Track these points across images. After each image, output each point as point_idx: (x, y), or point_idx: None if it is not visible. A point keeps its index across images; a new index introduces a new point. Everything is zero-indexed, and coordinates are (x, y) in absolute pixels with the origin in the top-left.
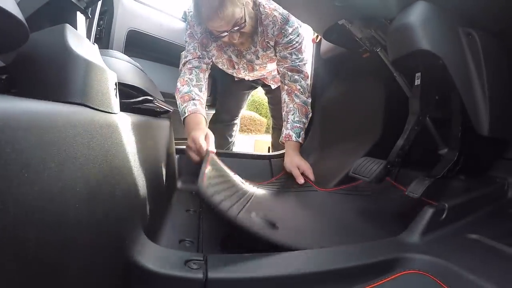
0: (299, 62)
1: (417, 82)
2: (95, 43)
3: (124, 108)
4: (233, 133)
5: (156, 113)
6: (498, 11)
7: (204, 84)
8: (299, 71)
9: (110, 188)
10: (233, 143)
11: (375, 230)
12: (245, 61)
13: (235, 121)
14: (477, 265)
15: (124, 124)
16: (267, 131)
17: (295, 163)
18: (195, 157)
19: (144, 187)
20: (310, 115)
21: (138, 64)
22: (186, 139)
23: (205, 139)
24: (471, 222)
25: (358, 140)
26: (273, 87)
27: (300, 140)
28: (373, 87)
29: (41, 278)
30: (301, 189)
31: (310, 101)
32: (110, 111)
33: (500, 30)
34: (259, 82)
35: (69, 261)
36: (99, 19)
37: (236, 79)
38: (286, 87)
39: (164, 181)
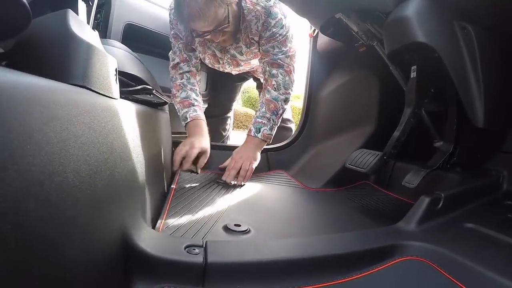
0: (281, 55)
1: (413, 75)
2: (95, 30)
3: (123, 96)
4: (227, 127)
5: (154, 105)
6: (492, 6)
7: (198, 87)
8: (279, 65)
9: (110, 170)
10: (228, 137)
11: (370, 222)
12: (229, 56)
13: (228, 115)
14: (473, 251)
15: (124, 110)
16: None
17: (237, 157)
18: (177, 161)
19: (143, 174)
20: (281, 111)
21: (136, 55)
22: (181, 132)
23: (200, 154)
24: (466, 212)
25: (354, 132)
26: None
27: (259, 136)
28: (369, 80)
29: (40, 253)
30: (287, 186)
31: (284, 97)
32: (111, 96)
33: (494, 25)
34: (250, 75)
35: (68, 238)
36: (97, 12)
37: (226, 72)
38: (264, 82)
39: (163, 171)
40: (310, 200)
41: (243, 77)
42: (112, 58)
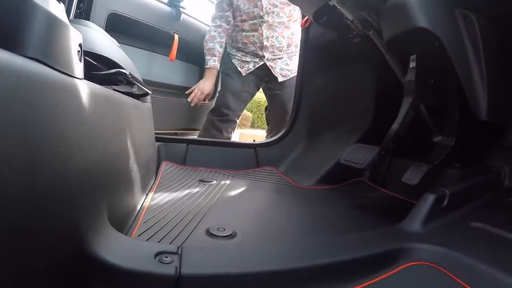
0: None
1: (412, 64)
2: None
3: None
4: (230, 130)
5: (134, 96)
6: None
7: (224, 40)
8: None
9: (61, 161)
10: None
11: (369, 223)
12: None
13: (233, 118)
14: (485, 253)
15: (89, 93)
16: (252, 126)
17: None
18: (194, 98)
19: (113, 169)
20: None
21: (115, 40)
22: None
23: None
24: (471, 210)
25: (348, 127)
26: (279, 79)
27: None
28: (363, 73)
29: None
30: (277, 184)
31: None
32: (71, 74)
33: (497, 15)
34: (266, 75)
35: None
36: (79, 1)
37: (244, 75)
38: None
39: (141, 167)
40: (302, 198)
41: (257, 83)
42: (75, 32)
